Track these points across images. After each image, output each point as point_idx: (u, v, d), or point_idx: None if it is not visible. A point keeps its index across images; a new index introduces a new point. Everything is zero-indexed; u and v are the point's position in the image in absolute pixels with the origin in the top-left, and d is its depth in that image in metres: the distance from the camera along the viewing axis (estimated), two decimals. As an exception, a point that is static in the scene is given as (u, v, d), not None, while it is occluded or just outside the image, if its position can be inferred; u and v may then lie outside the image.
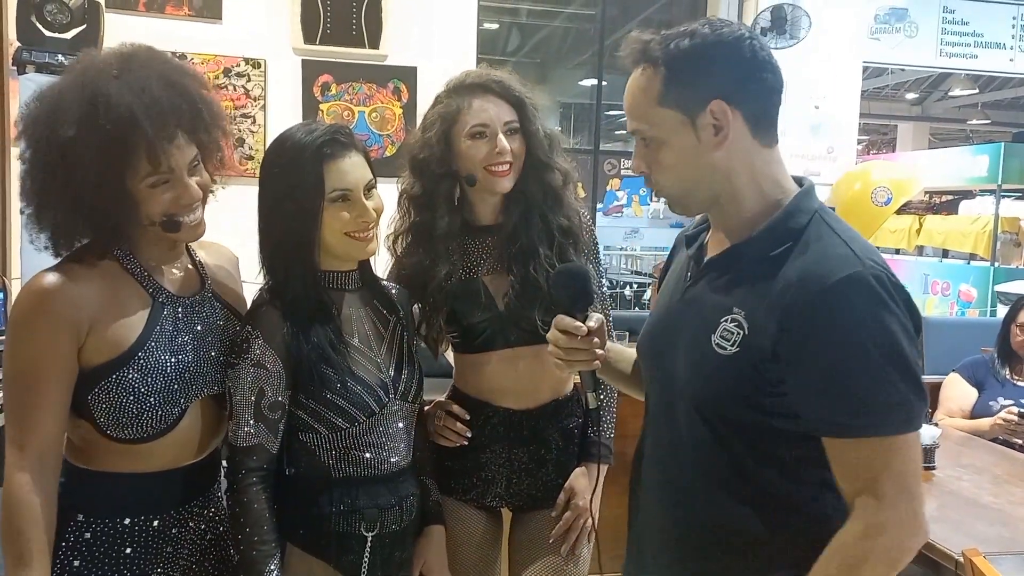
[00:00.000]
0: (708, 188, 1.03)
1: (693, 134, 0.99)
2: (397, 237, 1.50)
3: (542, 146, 1.45)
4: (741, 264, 1.02)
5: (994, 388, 2.82)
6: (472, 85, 1.43)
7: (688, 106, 0.99)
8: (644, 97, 1.01)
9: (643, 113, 1.02)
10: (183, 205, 1.14)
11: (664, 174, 1.03)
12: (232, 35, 3.41)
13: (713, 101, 0.98)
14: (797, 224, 0.99)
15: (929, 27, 4.75)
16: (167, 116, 1.10)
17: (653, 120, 1.01)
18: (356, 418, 1.23)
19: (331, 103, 3.52)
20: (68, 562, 1.12)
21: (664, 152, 1.02)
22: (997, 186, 7.07)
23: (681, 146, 1.00)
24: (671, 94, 0.99)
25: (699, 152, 1.00)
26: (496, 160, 1.40)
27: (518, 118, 1.43)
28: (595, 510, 1.49)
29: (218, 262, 1.32)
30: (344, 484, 1.25)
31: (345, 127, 1.28)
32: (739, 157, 1.01)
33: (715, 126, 0.99)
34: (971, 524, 1.83)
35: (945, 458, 2.28)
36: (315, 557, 1.24)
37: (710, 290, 1.05)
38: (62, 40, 2.71)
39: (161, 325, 1.16)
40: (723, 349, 0.98)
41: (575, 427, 1.54)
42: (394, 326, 1.34)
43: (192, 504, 1.22)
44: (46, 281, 1.10)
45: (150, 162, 1.09)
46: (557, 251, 1.45)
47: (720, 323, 0.99)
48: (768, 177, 1.04)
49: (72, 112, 1.07)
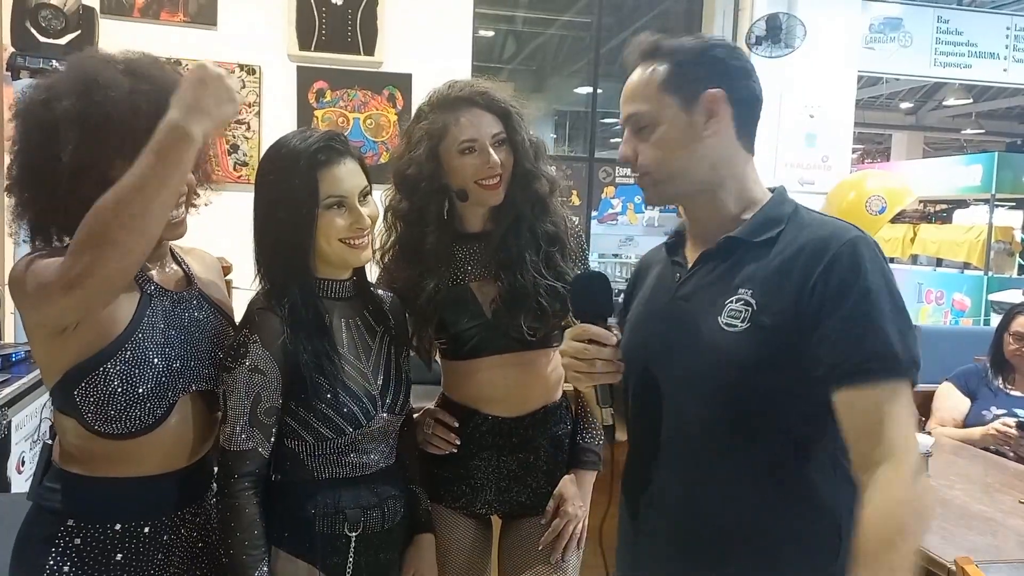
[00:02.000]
0: (692, 175, 1.08)
1: (687, 119, 1.06)
2: (384, 253, 1.49)
3: (528, 155, 1.45)
4: (738, 250, 1.06)
5: (987, 398, 2.82)
6: (456, 99, 1.42)
7: (686, 93, 1.06)
8: (647, 83, 1.08)
9: (643, 97, 1.08)
10: None
11: (652, 157, 1.08)
12: (227, 41, 3.41)
13: (710, 90, 1.05)
14: (783, 212, 1.08)
15: (923, 37, 4.79)
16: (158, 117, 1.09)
17: (652, 102, 1.07)
18: (344, 430, 1.23)
19: (326, 109, 3.52)
20: (58, 567, 1.11)
21: (655, 134, 1.07)
22: (991, 195, 7.11)
23: (674, 128, 1.06)
24: (673, 82, 1.06)
25: (690, 136, 1.06)
26: (487, 174, 1.40)
27: (504, 129, 1.43)
28: (585, 515, 1.49)
29: (203, 267, 1.32)
30: (327, 486, 1.25)
31: (340, 134, 1.27)
32: (723, 152, 1.08)
33: (708, 114, 1.05)
34: (963, 533, 1.83)
35: (937, 467, 2.28)
36: (301, 560, 1.24)
37: (708, 280, 1.08)
38: (57, 46, 2.71)
39: (149, 317, 1.16)
40: (733, 327, 1.02)
41: (564, 434, 1.54)
42: (382, 336, 1.34)
43: (184, 511, 1.21)
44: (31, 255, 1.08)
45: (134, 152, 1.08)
46: (544, 258, 1.45)
47: (726, 305, 1.03)
48: (747, 179, 1.11)
49: (68, 87, 1.08)
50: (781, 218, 1.07)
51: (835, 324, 0.96)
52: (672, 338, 1.09)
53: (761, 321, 1.00)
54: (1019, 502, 2.05)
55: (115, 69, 1.11)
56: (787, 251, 1.02)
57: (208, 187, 1.27)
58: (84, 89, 1.08)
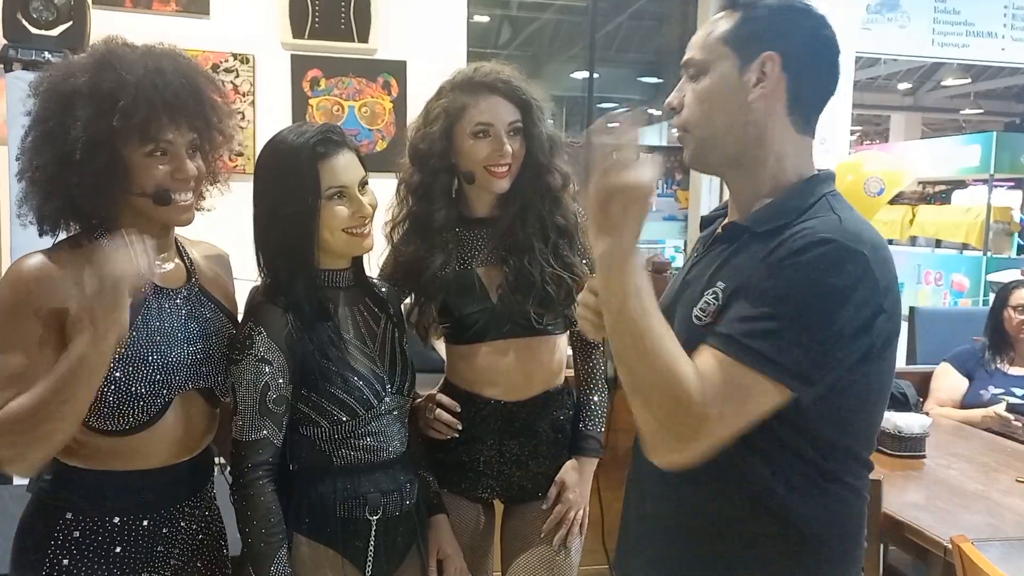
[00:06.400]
0: (730, 140, 1.01)
1: (736, 75, 0.99)
2: (395, 226, 1.50)
3: (543, 148, 1.45)
4: (741, 237, 1.02)
5: (984, 378, 2.84)
6: (479, 83, 1.43)
7: (745, 50, 0.99)
8: (711, 31, 1.02)
9: (703, 44, 1.02)
10: (177, 179, 1.14)
11: (694, 108, 1.02)
12: (220, 30, 3.38)
13: (766, 53, 0.98)
14: (801, 204, 0.98)
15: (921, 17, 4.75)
16: (174, 104, 1.12)
17: (708, 51, 1.01)
18: (356, 411, 1.26)
19: (320, 98, 3.50)
20: (57, 560, 1.12)
21: (703, 81, 1.01)
22: (989, 176, 7.10)
23: (721, 81, 1.00)
24: (736, 35, 1.00)
25: (734, 95, 0.99)
26: (496, 160, 1.41)
27: (522, 119, 1.43)
28: (586, 501, 1.50)
29: (208, 260, 1.32)
30: (346, 472, 1.28)
31: (335, 126, 1.30)
32: (768, 123, 1.00)
33: (759, 77, 0.98)
34: (959, 512, 1.84)
35: (935, 447, 2.30)
36: (322, 545, 1.26)
37: (704, 266, 1.05)
38: (48, 37, 2.69)
39: (145, 316, 1.16)
40: (699, 320, 0.99)
41: (566, 419, 1.55)
42: (385, 323, 1.36)
43: (183, 504, 1.22)
44: (24, 267, 1.09)
45: (148, 135, 1.10)
46: (552, 248, 1.45)
47: (703, 296, 1.00)
48: (788, 160, 1.02)
49: (85, 67, 1.10)
50: (795, 209, 0.97)
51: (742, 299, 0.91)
52: (671, 318, 1.06)
53: (719, 316, 0.95)
54: (1016, 481, 2.06)
55: (133, 52, 1.14)
56: (780, 248, 0.93)
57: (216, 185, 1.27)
58: (99, 66, 1.10)
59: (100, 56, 1.12)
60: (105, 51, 1.13)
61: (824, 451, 0.97)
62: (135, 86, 1.08)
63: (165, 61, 1.14)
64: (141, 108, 1.08)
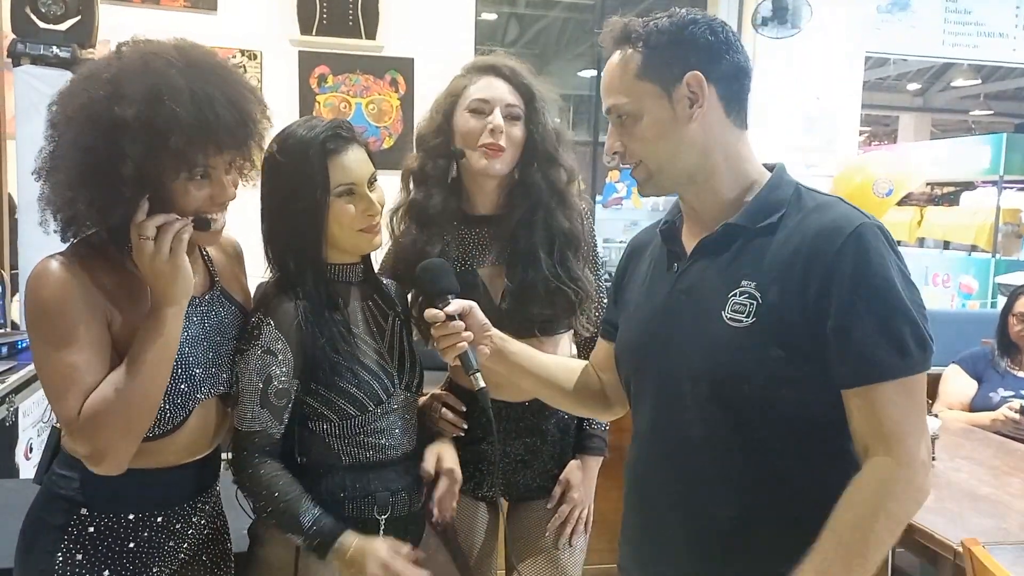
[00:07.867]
0: (683, 163, 1.04)
1: (669, 106, 1.02)
2: (394, 214, 1.49)
3: (550, 139, 1.43)
4: (739, 237, 1.02)
5: (994, 380, 2.82)
6: (483, 66, 1.45)
7: (665, 79, 1.01)
8: (622, 72, 1.03)
9: (620, 87, 1.04)
10: (218, 203, 1.13)
11: (640, 148, 1.04)
12: (228, 27, 3.38)
13: (689, 73, 1.00)
14: (783, 195, 1.03)
15: (931, 16, 4.72)
16: (223, 136, 1.08)
17: (630, 93, 1.03)
18: (366, 406, 1.25)
19: (328, 95, 3.50)
20: (71, 555, 1.12)
21: (639, 126, 1.03)
22: (999, 177, 7.04)
23: (657, 118, 1.02)
24: (649, 68, 1.02)
25: (675, 124, 1.02)
26: (488, 139, 1.38)
27: (523, 107, 1.42)
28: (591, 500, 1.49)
29: (225, 256, 1.31)
30: (355, 470, 1.27)
31: (345, 121, 1.28)
32: (714, 134, 1.03)
33: (690, 98, 1.01)
34: (970, 515, 1.83)
35: (944, 450, 2.28)
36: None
37: (710, 271, 1.04)
38: (57, 32, 2.70)
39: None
40: (738, 322, 0.99)
41: (570, 419, 1.54)
42: (393, 319, 1.35)
43: (196, 500, 1.22)
44: (59, 267, 1.06)
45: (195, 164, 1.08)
46: (558, 257, 1.42)
47: (729, 298, 1.00)
48: (742, 158, 1.06)
49: (135, 94, 1.03)
50: (782, 202, 1.02)
51: (844, 323, 0.93)
52: (674, 333, 1.06)
53: (767, 315, 0.97)
54: (1027, 484, 2.05)
55: (175, 70, 1.07)
56: (791, 240, 0.98)
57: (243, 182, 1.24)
58: (152, 97, 1.03)
59: (146, 82, 1.04)
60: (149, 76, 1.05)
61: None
62: (188, 125, 1.04)
63: (213, 82, 1.08)
64: (195, 146, 1.06)
